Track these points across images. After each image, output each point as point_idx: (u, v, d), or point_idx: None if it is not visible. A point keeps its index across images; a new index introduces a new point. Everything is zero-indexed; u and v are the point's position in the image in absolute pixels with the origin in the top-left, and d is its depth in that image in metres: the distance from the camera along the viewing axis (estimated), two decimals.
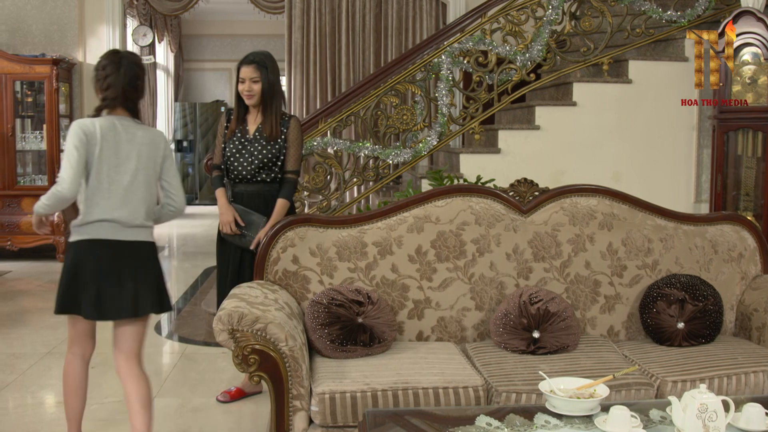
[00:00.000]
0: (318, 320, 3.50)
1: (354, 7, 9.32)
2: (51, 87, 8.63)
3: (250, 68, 4.39)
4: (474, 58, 6.52)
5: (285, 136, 4.43)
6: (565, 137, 6.74)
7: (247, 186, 4.46)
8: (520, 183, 4.05)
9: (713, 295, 3.82)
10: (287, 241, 3.80)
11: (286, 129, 4.43)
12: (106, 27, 9.15)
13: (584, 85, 6.81)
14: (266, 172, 4.41)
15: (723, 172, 6.08)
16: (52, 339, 5.80)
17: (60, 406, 4.54)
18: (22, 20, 9.01)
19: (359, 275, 3.79)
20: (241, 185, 4.48)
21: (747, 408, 2.54)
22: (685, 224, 4.12)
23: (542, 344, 3.61)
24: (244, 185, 4.47)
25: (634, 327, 3.94)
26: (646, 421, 2.55)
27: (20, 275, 8.28)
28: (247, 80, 4.38)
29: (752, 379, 3.41)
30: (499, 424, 2.52)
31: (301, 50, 9.32)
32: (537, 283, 3.90)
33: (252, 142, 4.42)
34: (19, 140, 8.87)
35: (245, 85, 4.38)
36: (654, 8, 6.54)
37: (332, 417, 3.16)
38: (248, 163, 4.40)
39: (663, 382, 3.36)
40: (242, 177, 4.44)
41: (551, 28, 6.55)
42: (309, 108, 9.23)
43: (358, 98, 6.45)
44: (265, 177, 4.42)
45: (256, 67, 4.39)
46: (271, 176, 4.43)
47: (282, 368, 3.17)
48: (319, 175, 6.31)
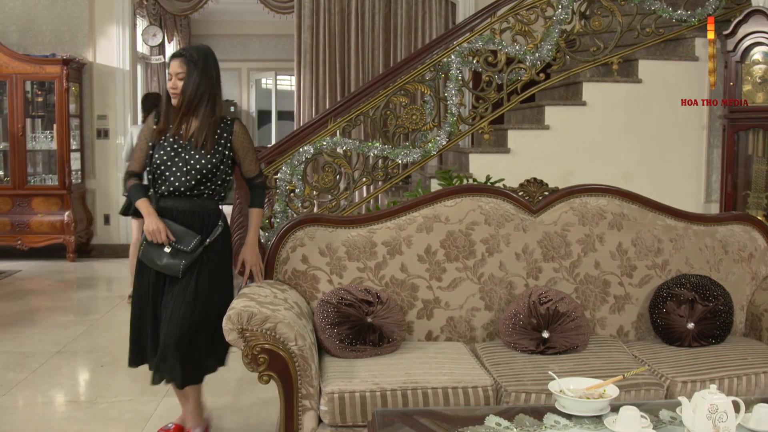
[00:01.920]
0: (327, 320, 3.51)
1: (363, 7, 9.32)
2: (61, 87, 8.66)
3: (176, 62, 3.65)
4: (483, 57, 6.51)
5: (230, 144, 3.72)
6: (574, 137, 6.72)
7: (179, 201, 3.68)
8: (529, 183, 4.04)
9: (723, 295, 3.81)
10: (297, 240, 3.80)
11: (230, 135, 3.73)
12: (116, 27, 9.18)
13: (594, 84, 6.79)
14: (206, 185, 3.68)
15: (733, 171, 6.06)
16: (62, 338, 5.82)
17: (70, 405, 4.56)
18: (32, 20, 9.04)
19: (368, 275, 3.79)
20: (170, 200, 3.70)
21: (757, 408, 2.53)
22: (695, 224, 4.11)
23: (552, 344, 3.60)
24: (174, 200, 3.69)
25: (644, 327, 3.93)
26: (655, 421, 2.54)
27: (30, 274, 8.31)
28: (173, 76, 3.66)
29: (762, 379, 3.39)
30: (508, 424, 2.52)
31: (311, 50, 9.33)
32: (546, 283, 3.89)
33: (187, 149, 3.66)
34: (29, 140, 8.90)
35: (171, 81, 3.68)
36: (664, 7, 6.52)
37: (341, 417, 3.17)
38: (183, 174, 3.64)
39: (673, 382, 3.35)
40: (174, 190, 3.66)
41: (561, 27, 6.54)
42: (318, 108, 9.24)
43: (367, 98, 6.44)
44: (204, 190, 3.69)
45: (183, 61, 3.65)
46: (211, 189, 3.71)
47: (291, 368, 3.17)
48: (329, 175, 6.31)
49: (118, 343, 5.66)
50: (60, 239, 8.81)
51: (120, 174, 9.21)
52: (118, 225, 9.37)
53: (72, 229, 8.76)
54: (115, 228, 9.40)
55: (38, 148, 9.02)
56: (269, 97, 15.95)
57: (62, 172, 8.76)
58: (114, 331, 6.02)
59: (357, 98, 6.48)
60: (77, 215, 8.92)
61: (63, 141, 8.77)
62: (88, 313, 6.70)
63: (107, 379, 4.99)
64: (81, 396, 4.78)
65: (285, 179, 6.13)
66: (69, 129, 8.81)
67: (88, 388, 4.93)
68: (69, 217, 8.75)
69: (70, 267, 8.69)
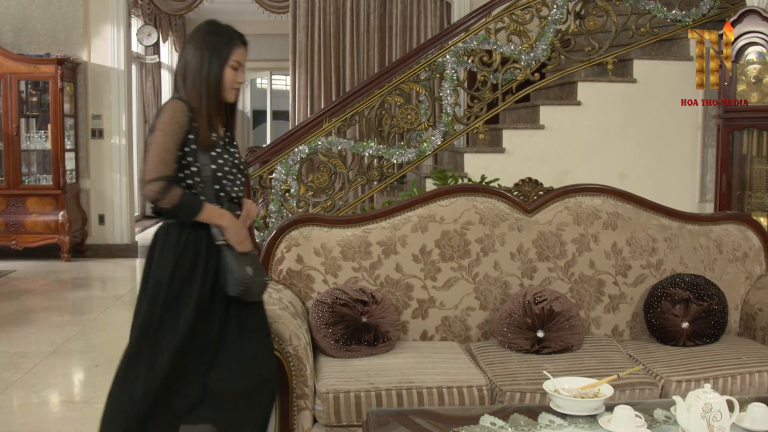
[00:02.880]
0: (322, 320, 3.50)
1: (358, 7, 9.32)
2: (56, 87, 8.63)
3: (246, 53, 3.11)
4: (478, 57, 6.51)
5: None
6: (569, 137, 6.73)
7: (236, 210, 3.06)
8: (524, 182, 4.04)
9: (718, 294, 3.81)
10: (291, 240, 3.80)
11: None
12: (110, 27, 9.15)
13: (589, 84, 6.80)
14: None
15: (728, 171, 6.06)
16: (57, 338, 5.81)
17: (65, 405, 4.55)
18: (27, 20, 9.02)
19: (363, 275, 3.79)
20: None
21: (752, 408, 2.53)
22: (689, 224, 4.11)
23: (546, 344, 3.60)
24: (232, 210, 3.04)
25: (639, 327, 3.93)
26: (650, 420, 2.55)
27: (25, 274, 8.29)
28: (241, 66, 3.07)
29: (757, 378, 3.40)
30: (503, 423, 2.52)
31: (306, 50, 9.32)
32: (541, 282, 3.89)
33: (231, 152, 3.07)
34: (24, 140, 8.88)
35: (237, 73, 3.04)
36: (659, 7, 6.53)
37: (336, 416, 3.16)
38: (236, 177, 3.05)
39: (667, 381, 3.35)
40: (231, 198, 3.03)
41: (556, 27, 6.54)
42: (313, 107, 9.23)
43: (362, 98, 6.45)
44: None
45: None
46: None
47: (286, 368, 3.17)
48: (324, 175, 6.32)
49: (112, 343, 5.65)
50: (54, 239, 8.79)
51: (115, 174, 9.21)
52: (113, 225, 9.35)
53: (66, 229, 8.74)
54: (110, 228, 9.38)
55: (33, 147, 9.00)
56: (264, 97, 15.93)
57: (57, 172, 8.74)
58: (109, 331, 6.01)
59: (352, 98, 6.49)
60: (72, 215, 8.90)
61: (57, 141, 8.75)
62: (82, 313, 6.69)
63: (102, 379, 4.98)
64: (76, 396, 4.78)
65: (280, 179, 6.13)
66: (63, 129, 8.79)
67: (83, 388, 4.93)
68: (63, 217, 8.73)
69: (65, 267, 8.67)
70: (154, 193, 2.84)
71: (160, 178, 2.85)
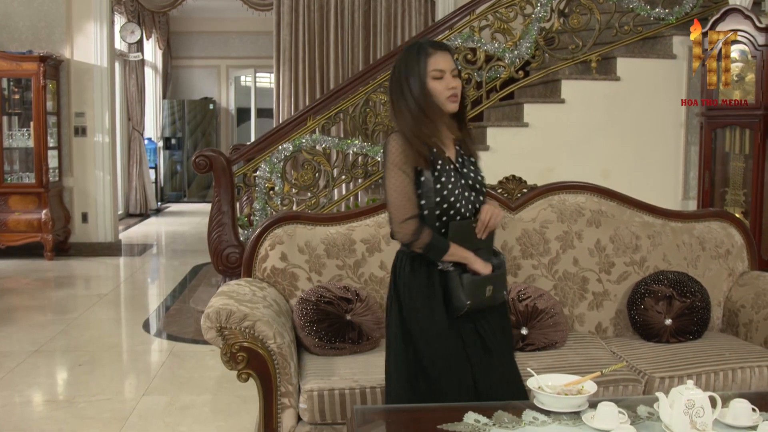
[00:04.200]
0: (306, 317, 3.50)
1: (343, 4, 9.31)
2: (38, 84, 8.57)
3: (446, 56, 2.85)
4: (462, 55, 6.51)
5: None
6: (553, 134, 6.74)
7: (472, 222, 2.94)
8: (508, 180, 4.05)
9: (701, 291, 3.83)
10: (275, 238, 3.79)
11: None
12: (93, 24, 9.09)
13: (573, 82, 6.82)
14: None
15: (711, 169, 6.10)
16: (40, 337, 5.77)
17: (48, 404, 4.52)
18: (9, 17, 8.95)
19: (348, 272, 3.79)
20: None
21: (734, 404, 2.54)
22: (672, 221, 4.13)
23: (530, 341, 3.61)
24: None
25: (622, 323, 3.95)
26: (633, 417, 2.55)
27: (7, 273, 8.24)
28: (445, 74, 2.82)
29: (739, 375, 3.42)
30: (487, 420, 2.52)
31: (290, 47, 9.30)
32: (525, 280, 3.90)
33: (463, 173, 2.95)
34: (6, 138, 8.82)
35: (443, 81, 2.82)
36: (642, 6, 6.55)
37: (321, 414, 3.16)
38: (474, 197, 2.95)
39: (651, 378, 3.37)
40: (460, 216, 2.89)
41: (540, 25, 6.55)
42: (298, 105, 9.22)
43: (346, 95, 6.43)
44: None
45: (451, 55, 2.88)
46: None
47: (270, 366, 3.16)
48: (308, 173, 6.30)
49: (96, 342, 5.63)
50: (37, 238, 8.73)
51: (98, 172, 9.15)
52: (96, 223, 9.30)
53: (49, 227, 8.69)
54: (93, 226, 9.32)
55: (15, 145, 8.94)
56: (248, 95, 15.89)
57: (39, 170, 8.68)
58: (92, 329, 5.98)
59: (336, 95, 6.48)
60: (55, 213, 8.85)
61: (40, 139, 8.69)
62: (66, 311, 6.65)
63: (85, 378, 4.96)
64: (59, 395, 4.75)
65: (264, 177, 6.12)
66: (46, 126, 8.73)
67: (66, 388, 4.90)
68: (46, 216, 8.68)
69: (48, 266, 8.62)
70: (409, 235, 2.81)
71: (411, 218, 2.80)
